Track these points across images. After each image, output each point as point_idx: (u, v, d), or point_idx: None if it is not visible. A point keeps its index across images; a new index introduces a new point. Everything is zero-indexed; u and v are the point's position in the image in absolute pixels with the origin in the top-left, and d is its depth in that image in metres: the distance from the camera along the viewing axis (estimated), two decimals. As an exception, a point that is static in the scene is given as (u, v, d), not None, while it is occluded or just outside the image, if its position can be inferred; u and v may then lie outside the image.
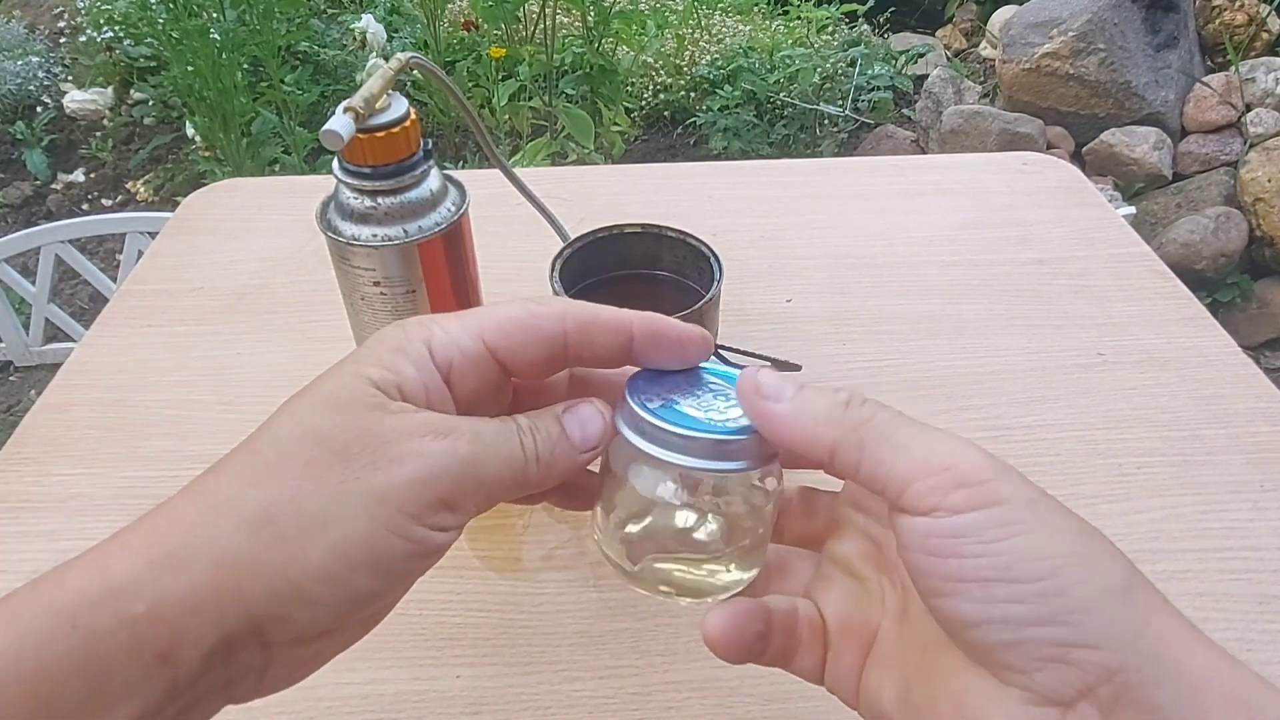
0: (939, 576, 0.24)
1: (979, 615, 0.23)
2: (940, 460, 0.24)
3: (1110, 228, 0.80)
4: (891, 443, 0.25)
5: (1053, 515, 0.24)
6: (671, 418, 0.26)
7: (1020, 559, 0.23)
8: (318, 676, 0.49)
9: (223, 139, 2.00)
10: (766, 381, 0.27)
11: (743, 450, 0.26)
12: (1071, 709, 0.22)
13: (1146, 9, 2.28)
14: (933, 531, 0.24)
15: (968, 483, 0.24)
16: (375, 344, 0.26)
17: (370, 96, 0.42)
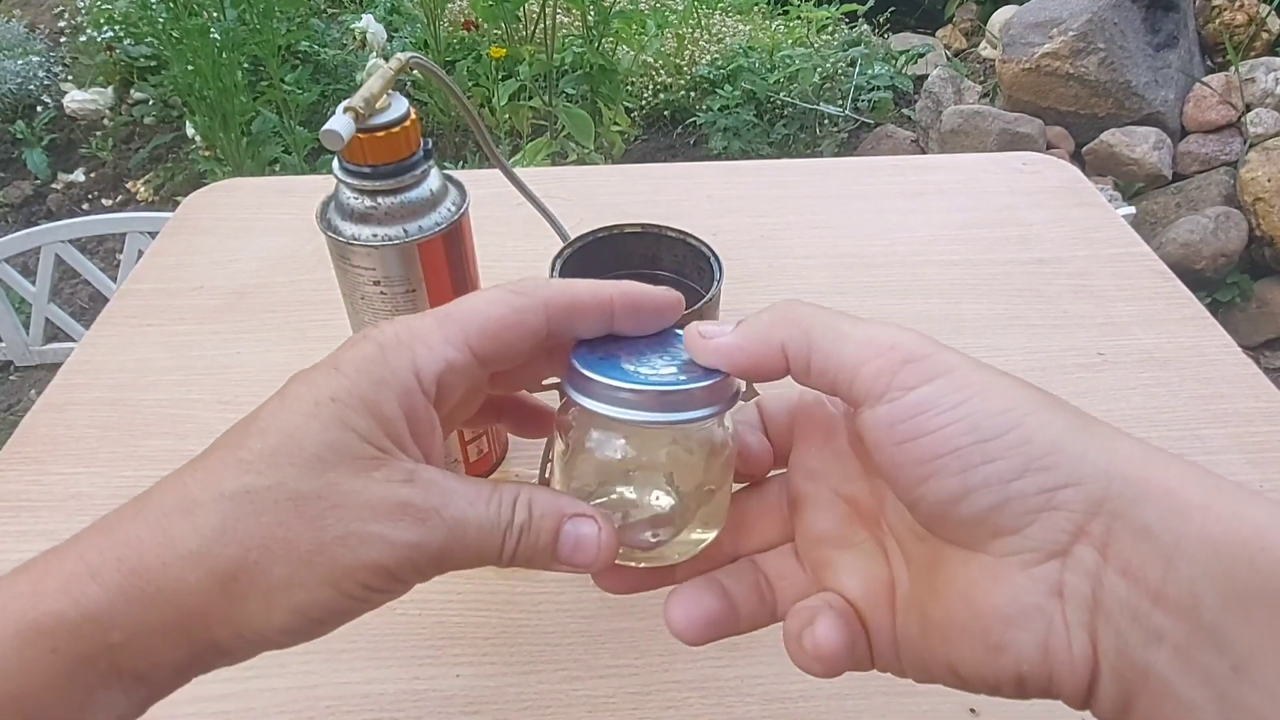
0: (915, 461, 0.24)
1: (960, 485, 0.23)
2: (884, 341, 0.25)
3: (1110, 228, 0.81)
4: (836, 331, 0.26)
5: (999, 375, 0.24)
6: (619, 375, 0.26)
7: (984, 417, 0.23)
8: (318, 676, 0.49)
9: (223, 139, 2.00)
10: (707, 326, 0.27)
11: (693, 399, 0.26)
12: (1070, 555, 0.22)
13: (1146, 9, 2.28)
14: (895, 416, 0.24)
15: (914, 358, 0.24)
16: (356, 373, 0.25)
17: (370, 96, 0.42)
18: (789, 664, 0.49)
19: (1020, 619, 0.23)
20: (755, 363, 0.27)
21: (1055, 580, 0.23)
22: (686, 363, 0.27)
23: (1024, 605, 0.23)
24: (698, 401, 0.26)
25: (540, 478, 0.56)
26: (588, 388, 0.26)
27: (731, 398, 0.27)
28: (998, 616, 0.23)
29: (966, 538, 0.24)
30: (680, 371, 0.27)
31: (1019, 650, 0.23)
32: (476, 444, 0.56)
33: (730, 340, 0.27)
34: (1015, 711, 0.43)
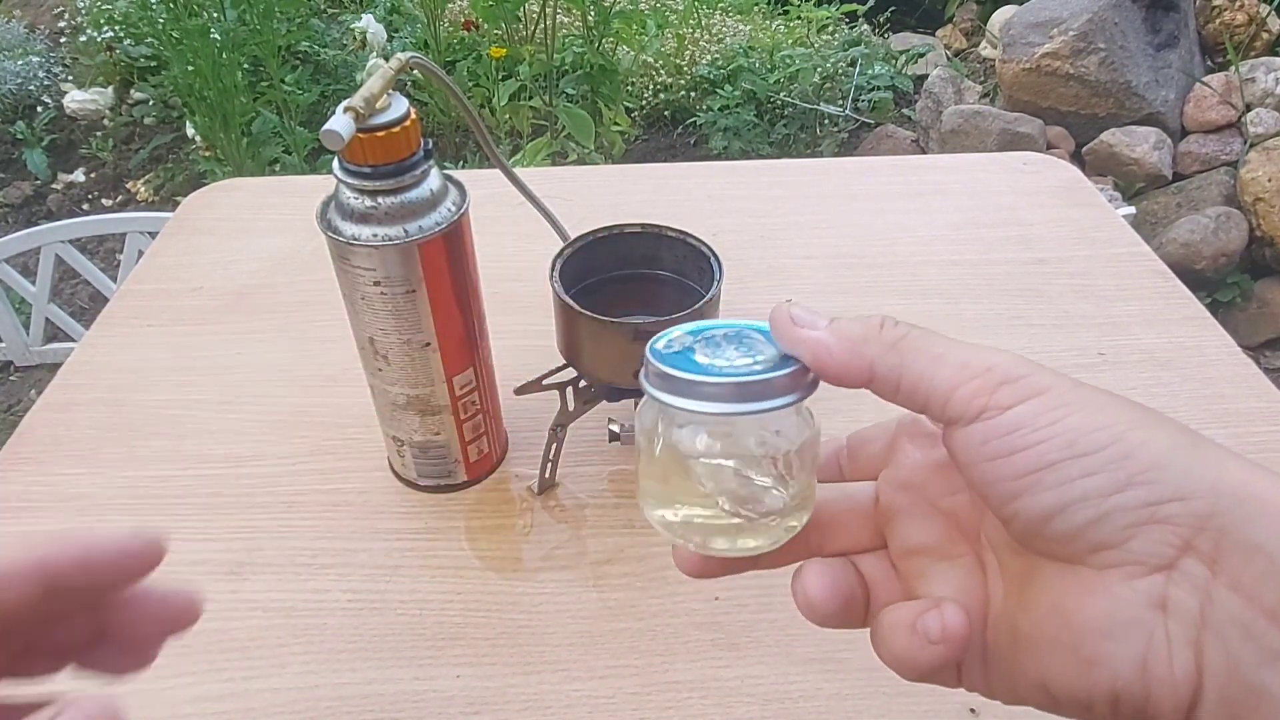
0: (1008, 477, 0.23)
1: (1057, 500, 0.23)
2: (980, 363, 0.24)
3: (1110, 228, 0.80)
4: (929, 354, 0.25)
5: (1098, 393, 0.24)
6: (695, 369, 0.26)
7: (1081, 434, 0.23)
8: (317, 676, 0.49)
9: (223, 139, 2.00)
10: (799, 312, 0.27)
11: (772, 388, 0.26)
12: (1175, 569, 0.22)
13: (1147, 9, 2.28)
14: (989, 434, 0.24)
15: (1009, 379, 0.24)
16: None
17: (370, 96, 0.42)
18: (789, 664, 0.49)
19: (1117, 631, 0.22)
20: (840, 369, 0.26)
21: (1159, 594, 0.22)
22: (761, 353, 0.27)
23: (1122, 618, 0.22)
24: (777, 390, 0.26)
25: (540, 478, 0.56)
26: (666, 383, 0.26)
27: (810, 384, 0.27)
28: (1092, 629, 0.23)
29: (1064, 552, 0.23)
30: (755, 362, 0.26)
31: (1114, 665, 0.22)
32: (476, 444, 0.56)
33: (821, 337, 0.26)
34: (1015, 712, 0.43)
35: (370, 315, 0.48)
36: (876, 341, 0.26)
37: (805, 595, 0.28)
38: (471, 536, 0.55)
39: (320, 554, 0.53)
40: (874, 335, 0.26)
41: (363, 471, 0.59)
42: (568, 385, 0.55)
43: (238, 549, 0.54)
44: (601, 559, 0.53)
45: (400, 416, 0.53)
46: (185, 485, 0.58)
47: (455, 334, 0.50)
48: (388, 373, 0.51)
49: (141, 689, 0.47)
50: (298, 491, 0.57)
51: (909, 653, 0.26)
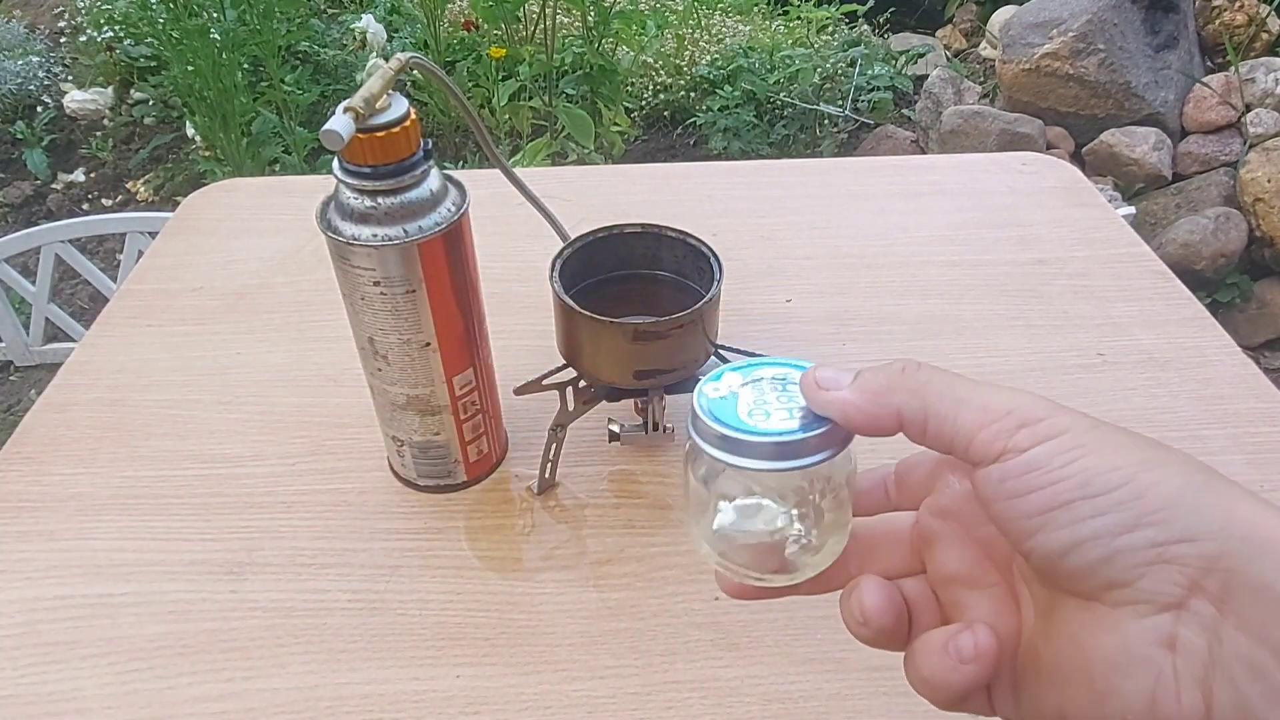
0: (1023, 515, 0.24)
1: (1069, 539, 0.23)
2: (1000, 407, 0.25)
3: (1110, 228, 0.81)
4: (952, 398, 0.26)
5: (1116, 434, 0.25)
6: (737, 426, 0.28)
7: (1095, 475, 0.23)
8: (317, 676, 0.49)
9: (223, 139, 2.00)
10: (824, 375, 0.28)
11: (808, 447, 0.28)
12: (1184, 609, 0.22)
13: (1146, 9, 2.28)
14: (1006, 474, 0.25)
15: (1028, 421, 0.25)
16: None
17: (370, 96, 0.42)
18: (789, 664, 0.49)
19: (1127, 667, 0.23)
20: (869, 422, 0.27)
21: (1167, 632, 0.23)
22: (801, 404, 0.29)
23: (1132, 654, 0.23)
24: (813, 448, 0.28)
25: (540, 478, 0.56)
26: (709, 434, 0.28)
27: (844, 440, 0.29)
28: (1105, 662, 0.23)
29: (1079, 588, 0.24)
30: (793, 416, 0.28)
31: (1125, 699, 0.23)
32: (476, 444, 0.56)
33: (847, 397, 0.28)
34: (1015, 712, 0.43)
35: (370, 315, 0.48)
36: (900, 389, 0.27)
37: (861, 608, 0.29)
38: (471, 536, 0.55)
39: (320, 554, 0.53)
40: (897, 383, 0.27)
41: (362, 471, 0.59)
42: (568, 385, 0.55)
43: (238, 549, 0.54)
44: (601, 559, 0.53)
45: (400, 416, 0.53)
46: (185, 485, 0.58)
47: (455, 334, 0.50)
48: (387, 373, 0.51)
49: (142, 689, 0.47)
50: (297, 491, 0.57)
51: (941, 674, 0.27)
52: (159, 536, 0.55)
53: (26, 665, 0.48)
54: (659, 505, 0.56)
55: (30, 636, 0.49)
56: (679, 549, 0.53)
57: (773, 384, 0.30)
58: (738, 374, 0.30)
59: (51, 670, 0.48)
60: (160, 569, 0.53)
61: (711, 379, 0.30)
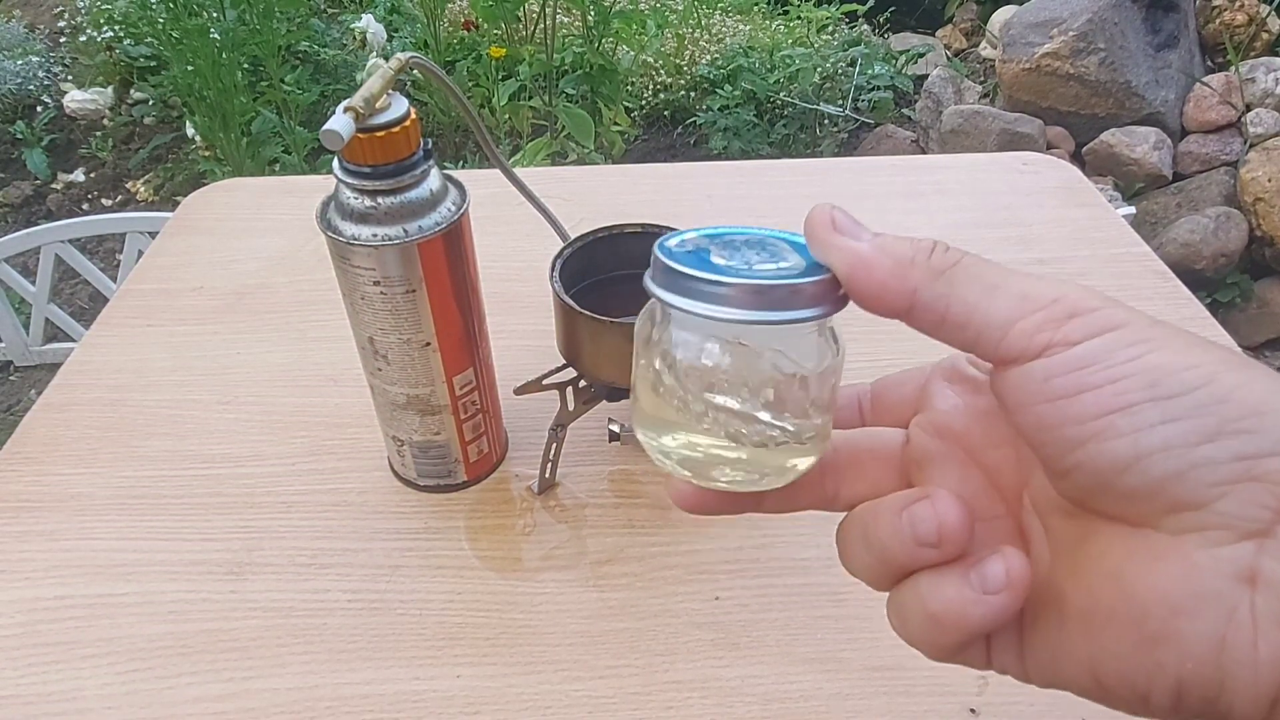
0: (1073, 421, 0.20)
1: (1131, 449, 0.19)
2: (1044, 294, 0.21)
3: (1110, 228, 0.80)
4: (985, 282, 0.22)
5: (1181, 331, 0.20)
6: (711, 268, 0.22)
7: (1166, 372, 0.19)
8: (317, 676, 0.49)
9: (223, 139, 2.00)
10: (842, 219, 0.23)
11: (798, 297, 0.22)
12: (1271, 536, 0.18)
13: (1146, 9, 2.28)
14: (1053, 370, 0.20)
15: (1080, 310, 0.20)
16: None
17: (370, 96, 0.42)
18: (789, 664, 0.49)
19: (1192, 605, 0.19)
20: (878, 288, 0.23)
21: (1247, 564, 0.18)
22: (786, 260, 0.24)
23: (1198, 589, 0.19)
24: (804, 300, 0.22)
25: (540, 478, 0.56)
26: (675, 282, 0.23)
27: (841, 298, 0.23)
28: (1160, 600, 0.19)
29: (1132, 512, 0.20)
30: (779, 268, 0.23)
31: (1184, 644, 0.19)
32: (476, 444, 0.56)
33: (862, 248, 0.23)
34: (1015, 711, 0.43)
35: (370, 315, 0.48)
36: (924, 266, 0.22)
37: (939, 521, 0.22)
38: (471, 536, 0.55)
39: (320, 554, 0.53)
40: (922, 259, 0.22)
41: (363, 471, 0.59)
42: (568, 385, 0.55)
43: (237, 549, 0.54)
44: (601, 559, 0.53)
45: (400, 416, 0.53)
46: (185, 485, 0.58)
47: (455, 334, 0.50)
48: (388, 372, 0.51)
49: (142, 689, 0.47)
50: (297, 491, 0.57)
51: (957, 608, 0.22)
52: (159, 536, 0.55)
53: (26, 665, 0.48)
54: (659, 505, 0.56)
55: (30, 636, 0.49)
56: (679, 549, 0.53)
57: (748, 243, 0.24)
58: (704, 236, 0.25)
59: (51, 670, 0.48)
60: (160, 569, 0.53)
61: (672, 235, 0.25)
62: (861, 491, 0.26)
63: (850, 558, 0.25)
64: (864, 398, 0.29)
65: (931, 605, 0.22)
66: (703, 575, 0.52)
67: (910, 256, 0.23)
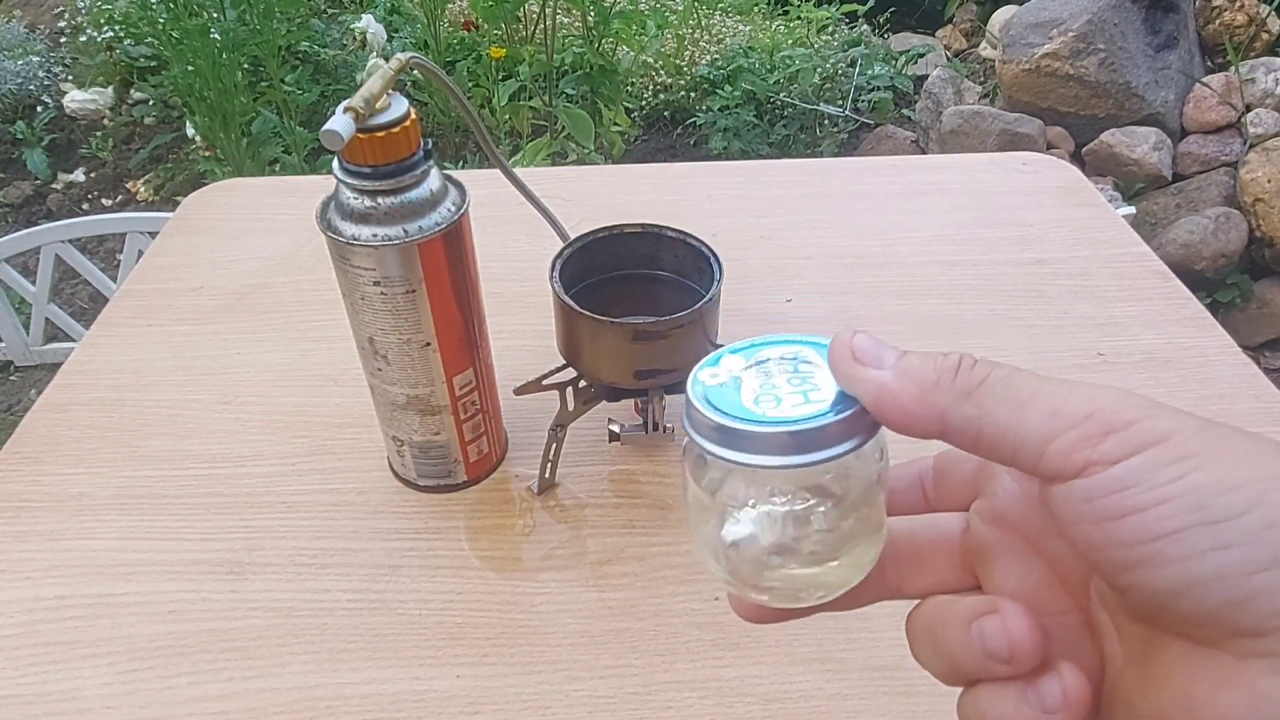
0: (1120, 544, 0.19)
1: (1183, 577, 0.19)
2: (1078, 409, 0.20)
3: (1110, 228, 0.80)
4: (1015, 400, 0.21)
5: (1234, 438, 0.19)
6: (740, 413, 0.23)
7: (1212, 494, 0.18)
8: (317, 676, 0.49)
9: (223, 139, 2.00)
10: (863, 346, 0.23)
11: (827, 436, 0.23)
12: None
13: (1146, 9, 2.28)
14: (1094, 491, 0.20)
15: (1117, 426, 0.20)
16: None
17: (370, 96, 0.42)
18: (789, 664, 0.49)
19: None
20: (906, 418, 0.22)
21: None
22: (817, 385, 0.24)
23: (1265, 715, 0.18)
24: (835, 437, 0.23)
25: (540, 478, 0.56)
26: (707, 428, 0.23)
27: (871, 426, 0.23)
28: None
29: (1194, 634, 0.20)
30: (809, 400, 0.23)
31: None
32: (476, 444, 0.56)
33: (885, 379, 0.22)
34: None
35: (370, 315, 0.48)
36: (950, 390, 0.22)
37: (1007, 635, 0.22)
38: (471, 536, 0.55)
39: (320, 554, 0.53)
40: (947, 382, 0.22)
41: (363, 471, 0.59)
42: (568, 385, 0.55)
43: (238, 549, 0.54)
44: (602, 559, 0.53)
45: (400, 416, 0.53)
46: (185, 485, 0.58)
47: (455, 334, 0.50)
48: (387, 372, 0.51)
49: (142, 689, 0.47)
50: (297, 491, 0.57)
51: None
52: (159, 536, 0.55)
53: (27, 665, 0.48)
54: (659, 505, 0.56)
55: (30, 636, 0.49)
56: (679, 549, 0.53)
57: (781, 365, 0.25)
58: (739, 356, 0.25)
59: (52, 670, 0.48)
60: (160, 569, 0.53)
61: (708, 364, 0.25)
62: (925, 585, 0.26)
63: (920, 655, 0.25)
64: (926, 477, 0.28)
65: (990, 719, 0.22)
66: (703, 575, 0.52)
67: (935, 380, 0.22)
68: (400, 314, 0.48)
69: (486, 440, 0.57)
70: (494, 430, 0.57)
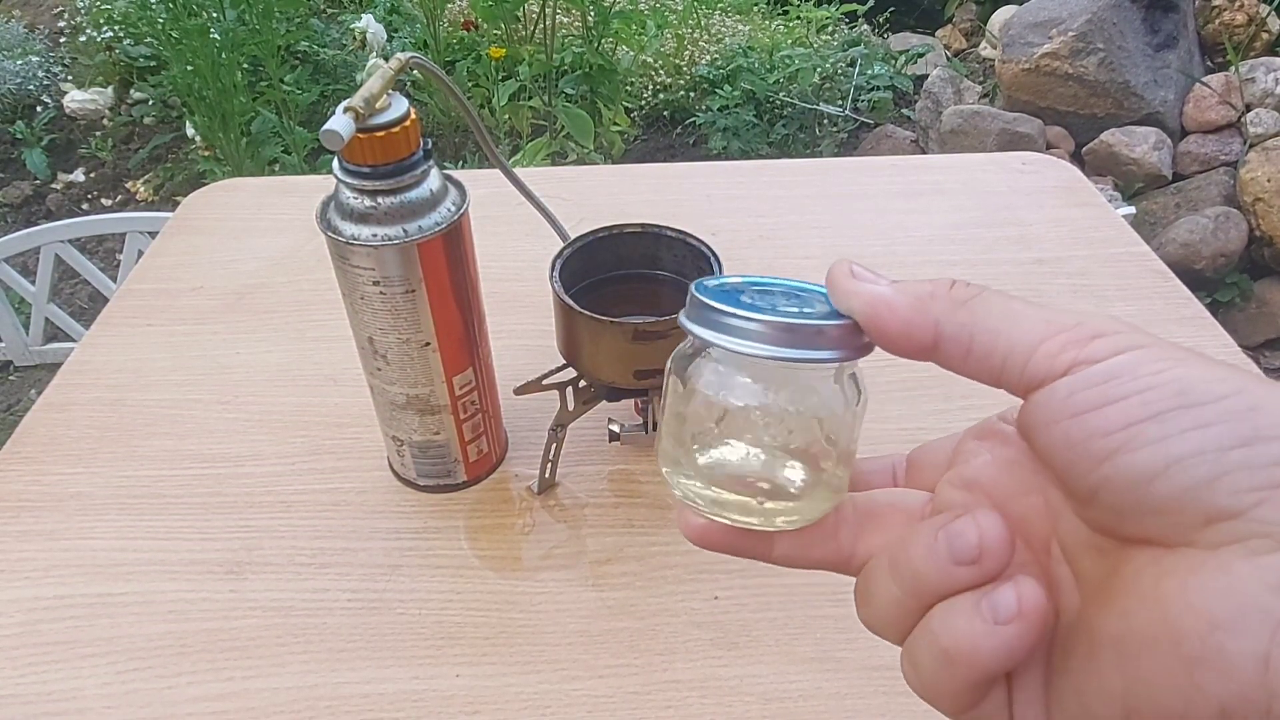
0: (1099, 433, 0.19)
1: (1161, 456, 0.18)
2: (1067, 319, 0.21)
3: (1110, 227, 0.81)
4: (1007, 310, 0.22)
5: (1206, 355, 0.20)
6: (742, 306, 0.24)
7: (1195, 382, 0.19)
8: (317, 676, 0.49)
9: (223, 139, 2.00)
10: (859, 267, 0.25)
11: (823, 338, 0.24)
12: None
13: (1146, 9, 2.28)
14: (1077, 386, 0.20)
15: (1104, 332, 0.20)
16: None
17: (370, 96, 0.42)
18: (789, 663, 0.49)
19: (1233, 620, 0.17)
20: (903, 326, 0.23)
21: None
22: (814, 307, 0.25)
23: (1240, 602, 0.17)
24: (828, 341, 0.24)
25: (540, 478, 0.56)
26: (705, 317, 0.24)
27: (864, 345, 0.24)
28: (1200, 617, 0.18)
29: (1166, 529, 0.19)
30: (804, 313, 0.24)
31: (1226, 663, 0.17)
32: (476, 444, 0.56)
33: (884, 291, 0.24)
34: (1015, 711, 0.43)
35: (370, 315, 0.48)
36: (945, 299, 0.23)
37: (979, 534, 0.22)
38: (471, 536, 0.55)
39: (320, 554, 0.54)
40: (943, 293, 0.23)
41: (362, 471, 0.59)
42: (568, 385, 0.55)
43: (237, 549, 0.54)
44: (601, 558, 0.53)
45: (400, 416, 0.53)
46: (184, 485, 0.58)
47: (455, 334, 0.50)
48: (387, 372, 0.51)
49: (142, 688, 0.47)
50: (297, 491, 0.57)
51: (968, 641, 0.21)
52: (159, 536, 0.55)
53: (26, 665, 0.48)
54: (659, 505, 0.56)
55: (30, 636, 0.49)
56: (679, 548, 0.53)
57: (781, 291, 0.26)
58: (741, 280, 0.26)
59: (51, 670, 0.48)
60: (160, 569, 0.53)
61: (711, 278, 0.26)
62: (879, 545, 0.26)
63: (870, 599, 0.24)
64: (899, 466, 0.28)
65: (943, 639, 0.21)
66: (702, 575, 0.52)
67: (930, 292, 0.23)
68: (400, 314, 0.48)
69: (486, 440, 0.57)
70: (494, 430, 0.57)
